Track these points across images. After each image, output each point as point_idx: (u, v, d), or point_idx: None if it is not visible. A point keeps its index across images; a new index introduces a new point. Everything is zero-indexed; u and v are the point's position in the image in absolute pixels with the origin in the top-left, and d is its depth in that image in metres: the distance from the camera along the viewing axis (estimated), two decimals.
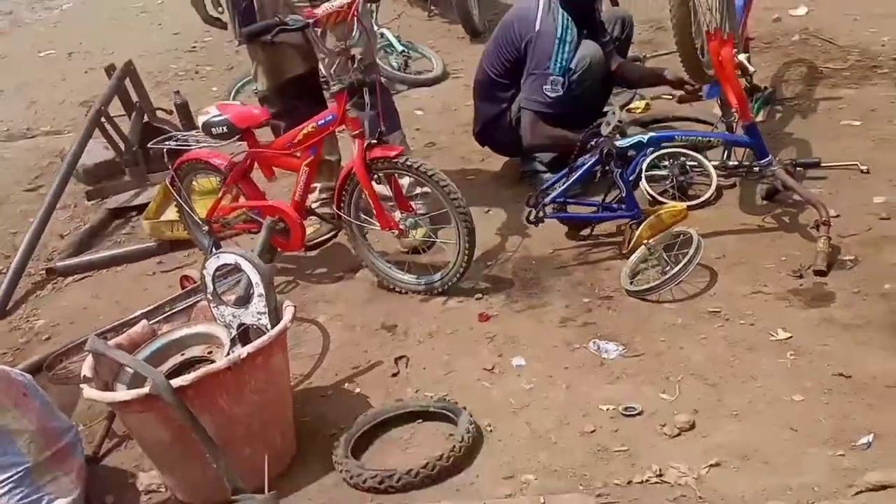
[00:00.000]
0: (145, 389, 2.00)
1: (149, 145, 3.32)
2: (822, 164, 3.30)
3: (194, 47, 7.21)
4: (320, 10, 2.67)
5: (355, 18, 2.71)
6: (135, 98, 4.57)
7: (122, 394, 2.13)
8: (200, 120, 2.96)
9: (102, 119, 4.24)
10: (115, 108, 4.46)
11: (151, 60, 7.02)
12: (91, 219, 4.18)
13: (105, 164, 4.59)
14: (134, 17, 8.60)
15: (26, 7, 9.87)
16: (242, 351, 2.12)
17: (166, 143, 3.13)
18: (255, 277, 2.32)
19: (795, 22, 5.03)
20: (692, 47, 2.82)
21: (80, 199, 4.46)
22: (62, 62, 7.40)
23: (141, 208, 4.03)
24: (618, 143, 3.00)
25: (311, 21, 2.66)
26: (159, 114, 4.69)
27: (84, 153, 4.23)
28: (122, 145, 4.34)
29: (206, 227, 3.25)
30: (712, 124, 3.64)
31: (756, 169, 3.07)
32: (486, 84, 3.65)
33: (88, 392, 2.13)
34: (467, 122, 4.11)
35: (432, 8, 6.67)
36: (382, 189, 2.99)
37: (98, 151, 4.56)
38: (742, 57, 2.89)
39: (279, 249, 3.24)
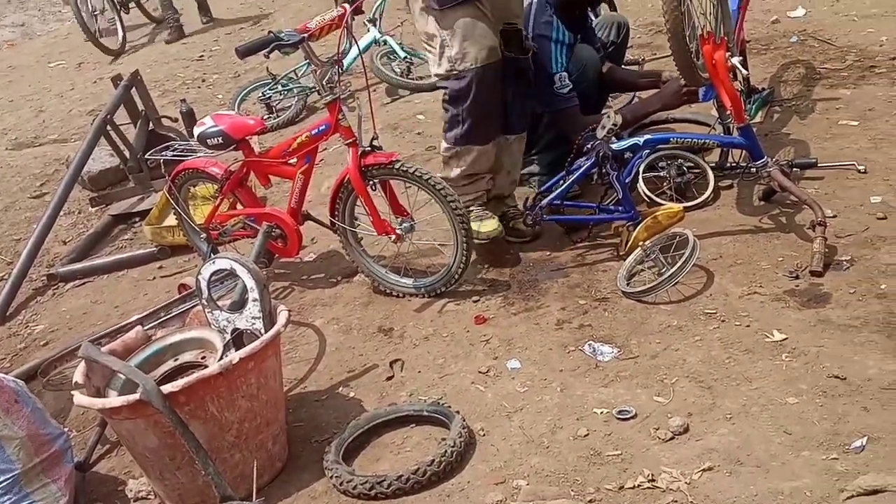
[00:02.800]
0: (135, 395, 2.02)
1: (147, 155, 3.36)
2: (820, 165, 3.28)
3: (202, 56, 7.28)
4: (313, 24, 2.72)
5: (345, 30, 2.75)
6: (141, 107, 4.62)
7: (112, 400, 2.14)
8: (196, 131, 3.00)
9: (108, 127, 4.29)
10: (122, 116, 4.51)
11: (160, 69, 7.10)
12: (94, 225, 4.22)
13: (110, 170, 4.65)
14: None
15: (39, 19, 10.03)
16: (234, 356, 2.13)
17: (164, 152, 3.17)
18: (250, 282, 2.34)
19: (793, 24, 5.03)
20: (686, 51, 2.81)
21: (84, 205, 4.51)
22: (71, 72, 7.50)
23: (143, 214, 4.07)
24: (613, 146, 3.00)
25: (305, 35, 2.71)
26: (164, 121, 4.74)
27: (89, 160, 4.29)
28: (126, 153, 4.39)
29: (203, 234, 3.28)
30: (709, 126, 3.63)
31: (752, 170, 3.06)
32: None
33: (79, 398, 2.15)
34: None
35: None
36: None
37: (103, 158, 4.63)
38: (736, 60, 2.88)
39: (276, 255, 3.27)
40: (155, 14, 8.74)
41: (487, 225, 3.07)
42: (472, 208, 3.08)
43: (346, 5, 2.72)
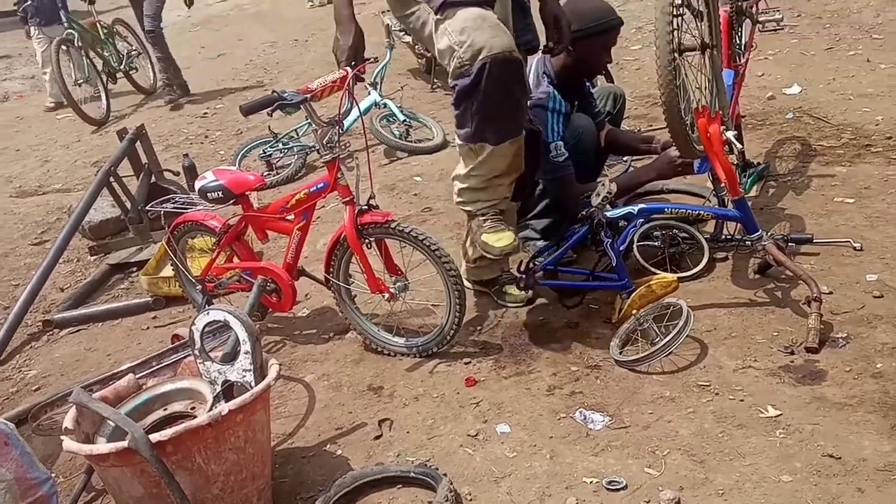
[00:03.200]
0: (123, 443, 1.99)
1: (147, 207, 3.39)
2: (815, 241, 3.31)
3: (206, 113, 7.41)
4: (315, 85, 2.77)
5: (347, 91, 2.81)
6: (144, 160, 4.68)
7: (100, 446, 2.11)
8: (198, 185, 3.04)
9: (111, 178, 4.33)
10: (126, 168, 4.57)
11: (165, 125, 7.22)
12: (92, 273, 4.23)
13: (110, 221, 4.68)
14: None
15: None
16: (223, 407, 2.11)
17: (164, 205, 3.20)
18: (243, 335, 2.33)
19: (789, 100, 5.12)
20: (682, 123, 2.86)
21: (84, 253, 4.53)
22: (77, 124, 7.61)
23: (141, 264, 4.09)
24: (608, 214, 3.02)
25: (307, 96, 2.76)
26: (167, 175, 4.80)
27: (91, 210, 4.33)
28: (128, 204, 4.43)
29: (199, 286, 3.29)
30: (704, 197, 3.67)
31: (748, 243, 3.08)
32: None
33: (67, 444, 2.13)
34: None
35: (435, 80, 6.87)
36: None
37: (104, 209, 4.67)
38: (730, 134, 2.93)
39: (270, 309, 3.27)
40: (145, 86, 8.64)
41: (503, 239, 2.86)
42: (486, 218, 2.94)
43: (349, 68, 2.78)
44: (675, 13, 2.75)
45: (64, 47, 7.71)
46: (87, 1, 8.11)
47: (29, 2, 8.31)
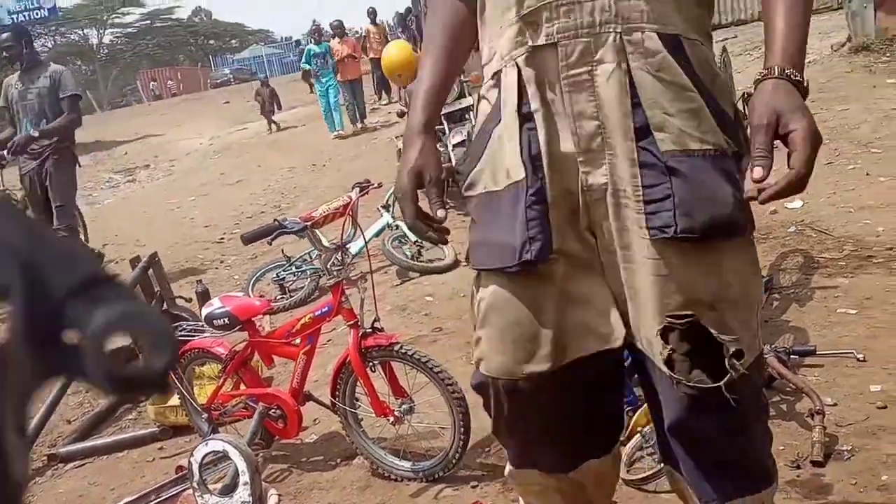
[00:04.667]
0: None
1: None
2: (819, 353, 3.30)
3: (222, 239, 7.62)
4: (318, 212, 2.88)
5: (350, 217, 2.91)
6: (156, 287, 4.79)
7: None
8: (204, 312, 3.11)
9: None
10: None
11: (181, 251, 7.41)
12: (100, 404, 4.26)
13: (121, 350, 4.72)
14: (168, 212, 9.16)
15: None
16: None
17: None
18: (242, 465, 2.35)
19: (791, 214, 5.20)
20: None
21: None
22: None
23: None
24: None
25: (308, 223, 2.86)
26: (179, 301, 4.89)
27: None
28: None
29: (205, 414, 3.31)
30: None
31: None
32: None
33: None
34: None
35: (447, 201, 7.00)
36: None
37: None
38: None
39: (276, 436, 3.27)
40: None
41: None
42: None
43: (353, 194, 2.89)
44: None
45: None
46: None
47: None
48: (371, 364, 2.95)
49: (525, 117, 1.52)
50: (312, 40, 13.93)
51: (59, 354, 0.20)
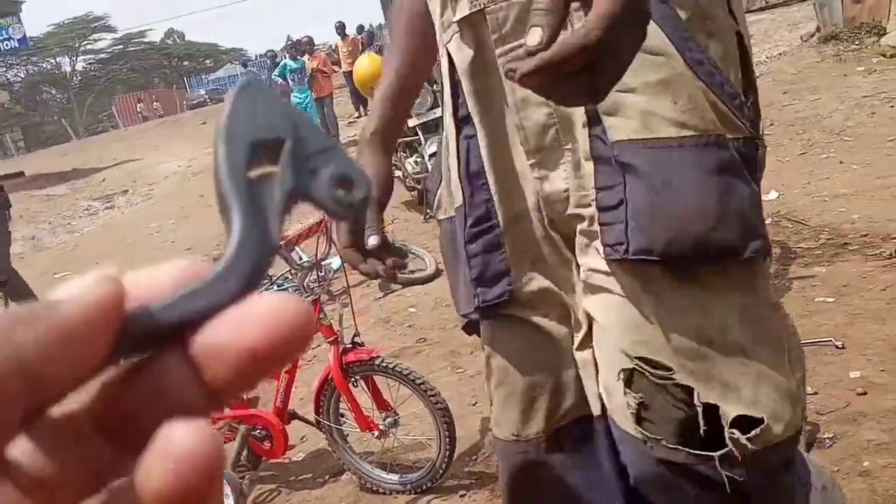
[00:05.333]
0: None
1: None
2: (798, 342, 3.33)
3: (204, 261, 7.58)
4: (290, 232, 2.90)
5: (325, 235, 2.92)
6: None
7: None
8: None
9: None
10: None
11: None
12: None
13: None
14: (148, 237, 9.13)
15: (49, 232, 10.50)
16: None
17: None
18: (225, 490, 2.34)
19: (768, 206, 5.25)
20: None
21: None
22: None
23: None
24: None
25: (280, 244, 2.86)
26: None
27: None
28: None
29: None
30: None
31: None
32: None
33: None
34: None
35: (428, 211, 7.05)
36: None
37: None
38: None
39: (263, 457, 3.26)
40: None
41: None
42: None
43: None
44: None
45: None
46: None
47: None
48: (353, 379, 2.95)
49: (462, 121, 1.23)
50: (288, 55, 13.91)
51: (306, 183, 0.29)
